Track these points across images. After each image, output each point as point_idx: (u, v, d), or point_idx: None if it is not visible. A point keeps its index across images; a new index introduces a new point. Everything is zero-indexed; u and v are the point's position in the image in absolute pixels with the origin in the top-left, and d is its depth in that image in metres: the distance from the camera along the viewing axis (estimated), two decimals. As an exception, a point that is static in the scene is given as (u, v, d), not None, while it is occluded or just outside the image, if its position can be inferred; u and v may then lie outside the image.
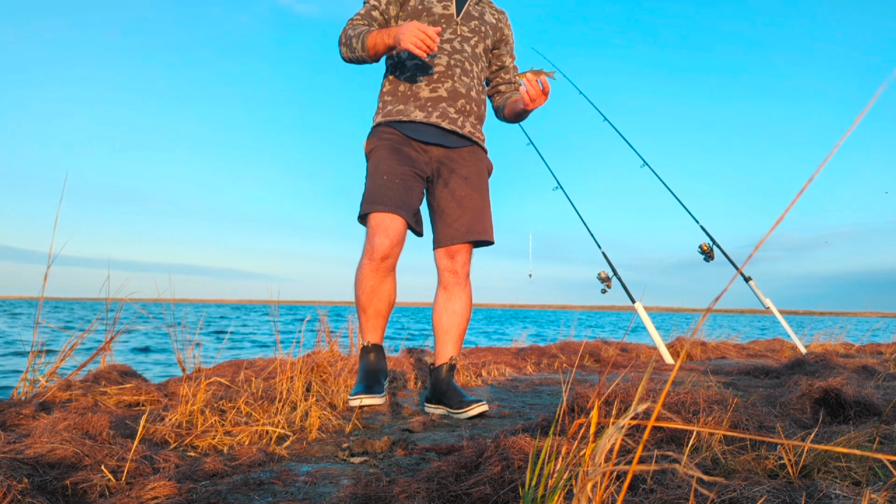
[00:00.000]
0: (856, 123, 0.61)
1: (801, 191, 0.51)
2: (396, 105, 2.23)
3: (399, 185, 2.12)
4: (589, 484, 0.56)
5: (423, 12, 2.23)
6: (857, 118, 0.50)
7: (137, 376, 2.67)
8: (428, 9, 2.23)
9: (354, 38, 2.12)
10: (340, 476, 1.37)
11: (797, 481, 1.08)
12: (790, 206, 0.51)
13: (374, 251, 2.08)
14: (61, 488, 1.21)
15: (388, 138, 2.20)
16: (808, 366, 2.94)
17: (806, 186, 0.49)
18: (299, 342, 2.65)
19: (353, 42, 2.12)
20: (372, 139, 2.24)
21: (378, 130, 2.24)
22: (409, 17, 2.23)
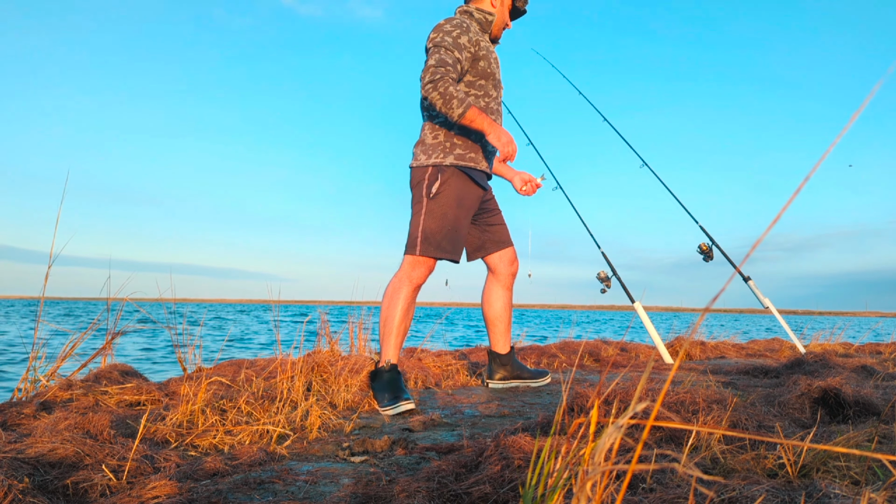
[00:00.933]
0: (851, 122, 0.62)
1: (797, 190, 0.51)
2: (468, 152, 2.53)
3: (459, 239, 2.52)
4: (589, 483, 0.56)
5: (490, 76, 2.57)
6: (853, 117, 0.50)
7: (138, 376, 2.68)
8: (492, 74, 2.59)
9: (457, 102, 2.32)
10: (341, 475, 1.37)
11: (796, 481, 1.08)
12: (786, 206, 0.52)
13: (418, 283, 2.49)
14: (62, 487, 1.22)
15: (458, 186, 2.50)
16: (807, 365, 2.95)
17: (801, 186, 0.49)
18: (299, 342, 2.65)
19: (455, 104, 2.32)
20: (445, 178, 2.49)
21: (450, 171, 2.50)
22: (478, 76, 2.55)
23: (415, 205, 2.52)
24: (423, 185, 2.48)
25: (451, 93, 2.31)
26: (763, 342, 5.92)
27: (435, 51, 2.40)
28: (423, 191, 2.48)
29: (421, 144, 2.56)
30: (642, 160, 4.77)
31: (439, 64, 2.35)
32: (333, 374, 2.57)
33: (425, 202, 2.47)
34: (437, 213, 2.45)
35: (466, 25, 2.49)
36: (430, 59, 2.38)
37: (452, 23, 2.47)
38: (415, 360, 3.44)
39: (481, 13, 2.61)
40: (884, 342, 5.58)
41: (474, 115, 2.34)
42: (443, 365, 3.48)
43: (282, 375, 2.19)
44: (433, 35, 2.46)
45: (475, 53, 2.50)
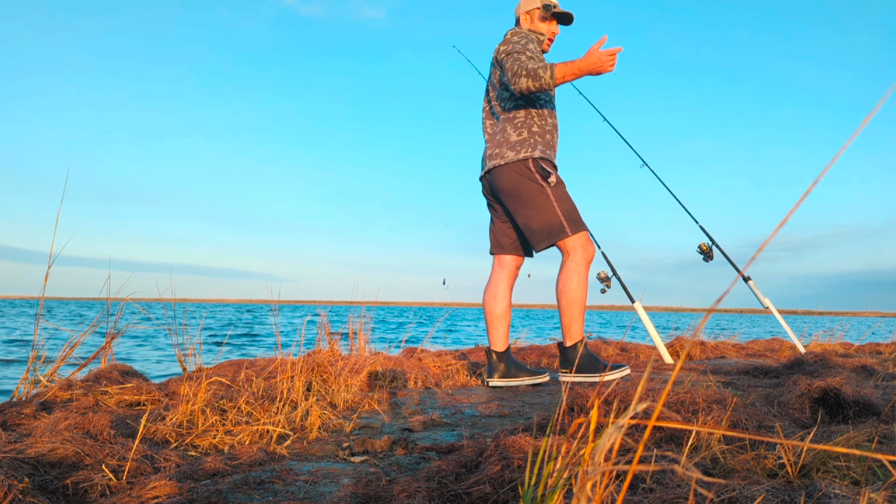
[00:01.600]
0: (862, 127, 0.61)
1: (805, 194, 0.51)
2: (546, 149, 2.81)
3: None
4: (588, 483, 0.56)
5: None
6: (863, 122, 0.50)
7: (138, 376, 2.68)
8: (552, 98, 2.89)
9: (542, 69, 2.54)
10: (341, 475, 1.37)
11: (796, 481, 1.08)
12: (793, 210, 0.51)
13: (592, 256, 2.74)
14: (62, 488, 1.22)
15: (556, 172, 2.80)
16: (807, 365, 2.95)
17: (810, 189, 0.49)
18: (300, 342, 2.65)
19: (541, 73, 2.53)
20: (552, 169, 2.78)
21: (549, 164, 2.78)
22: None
23: (533, 197, 2.72)
24: (535, 176, 2.74)
25: (532, 67, 2.55)
26: (763, 342, 5.92)
27: (508, 56, 2.68)
28: (538, 182, 2.73)
29: (505, 143, 2.79)
30: (642, 160, 4.77)
31: (515, 61, 2.63)
32: (333, 374, 2.58)
33: (549, 190, 2.72)
34: (563, 195, 2.74)
35: (531, 37, 2.81)
36: (506, 63, 2.67)
37: (519, 34, 2.78)
38: (415, 360, 3.44)
39: (533, 33, 2.91)
40: (884, 342, 5.58)
41: (562, 70, 2.54)
42: (443, 365, 3.48)
43: (282, 375, 2.19)
44: (503, 47, 2.76)
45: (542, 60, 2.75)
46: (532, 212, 2.72)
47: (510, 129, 2.80)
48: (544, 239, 2.71)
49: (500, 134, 2.83)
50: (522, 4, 2.98)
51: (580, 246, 2.70)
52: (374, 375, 2.90)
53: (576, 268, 2.70)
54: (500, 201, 2.88)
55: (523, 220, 2.75)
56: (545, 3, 2.90)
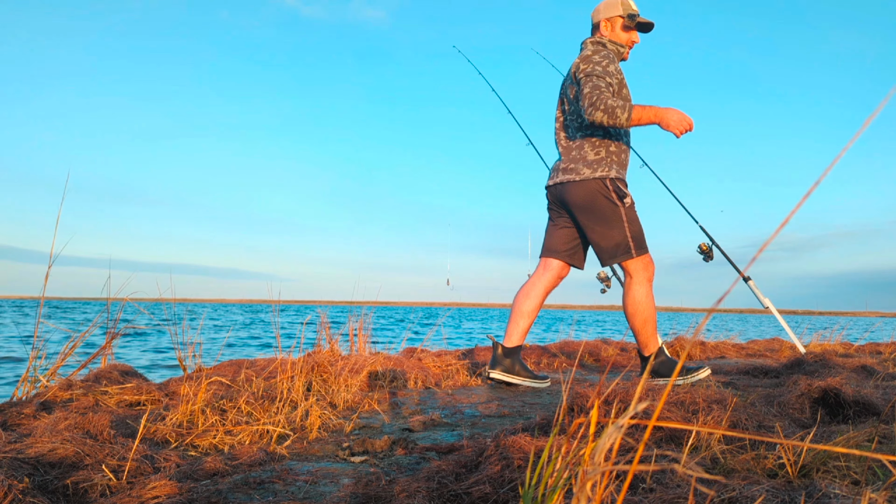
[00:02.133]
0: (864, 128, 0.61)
1: (807, 194, 0.51)
2: (621, 169, 2.87)
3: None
4: (589, 483, 0.56)
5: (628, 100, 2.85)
6: (864, 124, 0.50)
7: (138, 376, 2.68)
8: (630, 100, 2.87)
9: (620, 109, 2.59)
10: (341, 475, 1.37)
11: (796, 481, 1.08)
12: (794, 211, 0.52)
13: (650, 279, 2.85)
14: (62, 487, 1.22)
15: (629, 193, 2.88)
16: (807, 365, 2.95)
17: (811, 191, 0.49)
18: (300, 342, 2.65)
19: (619, 112, 2.59)
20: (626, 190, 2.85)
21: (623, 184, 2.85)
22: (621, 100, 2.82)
23: (606, 216, 2.81)
24: (612, 196, 2.81)
25: (611, 105, 2.59)
26: (763, 342, 5.92)
27: (588, 79, 2.69)
28: (613, 201, 2.81)
29: (582, 160, 2.84)
30: (642, 160, 4.76)
31: (594, 88, 2.65)
32: (333, 374, 2.58)
33: (623, 210, 2.81)
34: (634, 218, 2.83)
35: (613, 56, 2.79)
36: (585, 88, 2.67)
37: (600, 54, 2.76)
38: (415, 360, 3.44)
39: (613, 45, 2.89)
40: (884, 342, 5.58)
41: (639, 113, 2.61)
42: (443, 365, 3.48)
43: (282, 375, 2.19)
44: (584, 66, 2.74)
45: (620, 80, 2.80)
46: (604, 229, 2.82)
47: (588, 146, 2.84)
48: (611, 257, 2.82)
49: (576, 150, 2.87)
50: (602, 10, 2.93)
51: (642, 267, 2.82)
52: (374, 375, 2.90)
53: (639, 288, 2.83)
54: (569, 212, 2.94)
55: (594, 235, 2.84)
56: (629, 12, 2.87)
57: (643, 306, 2.83)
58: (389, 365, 3.07)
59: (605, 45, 2.87)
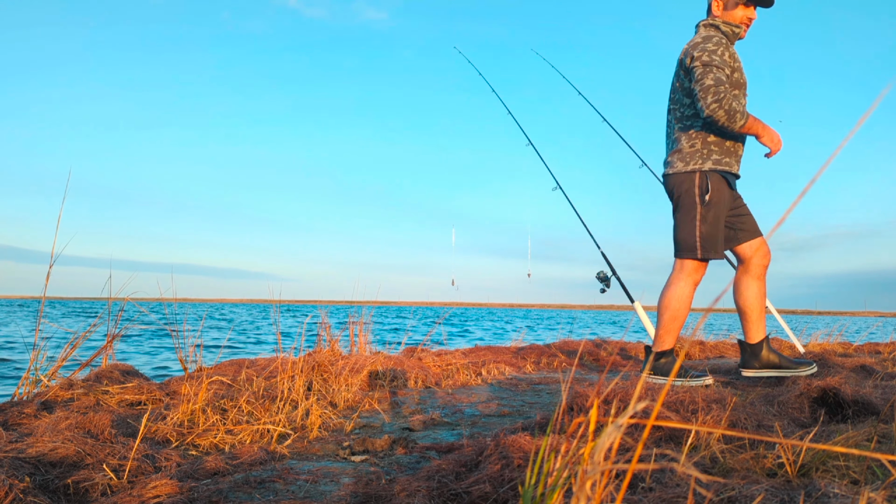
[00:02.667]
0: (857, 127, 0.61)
1: (802, 193, 0.51)
2: (724, 157, 2.71)
3: (722, 240, 2.74)
4: (588, 482, 0.57)
5: (742, 85, 2.74)
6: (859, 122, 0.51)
7: (139, 375, 2.68)
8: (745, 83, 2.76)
9: (739, 115, 2.56)
10: (341, 474, 1.38)
11: (796, 480, 1.08)
12: (789, 210, 0.52)
13: (696, 282, 2.75)
14: (63, 487, 1.22)
15: (720, 189, 2.71)
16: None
17: (807, 189, 0.50)
18: (300, 342, 2.66)
19: (738, 118, 2.56)
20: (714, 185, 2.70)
21: (716, 178, 2.70)
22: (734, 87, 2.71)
23: (685, 211, 2.71)
24: (695, 192, 2.69)
25: (735, 108, 2.54)
26: (763, 342, 5.91)
27: (708, 70, 2.58)
28: (694, 197, 2.69)
29: (678, 153, 2.75)
30: (642, 160, 4.77)
31: (718, 83, 2.55)
32: (334, 374, 2.58)
33: (699, 209, 2.68)
34: (710, 218, 2.68)
35: (725, 42, 2.67)
36: (706, 79, 2.57)
37: (713, 41, 2.64)
38: (415, 360, 3.44)
39: (727, 26, 2.73)
40: (883, 342, 5.58)
41: (752, 123, 2.59)
42: (443, 364, 3.49)
43: (282, 375, 2.20)
44: (698, 54, 2.62)
45: (734, 68, 2.69)
46: (678, 221, 2.76)
47: (684, 138, 2.75)
48: (678, 251, 2.75)
49: (675, 142, 2.79)
50: None
51: (693, 268, 2.73)
52: (374, 375, 2.91)
53: (683, 286, 2.74)
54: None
55: (674, 224, 2.80)
56: None
57: (678, 304, 2.74)
58: (390, 364, 3.07)
59: (719, 28, 2.71)
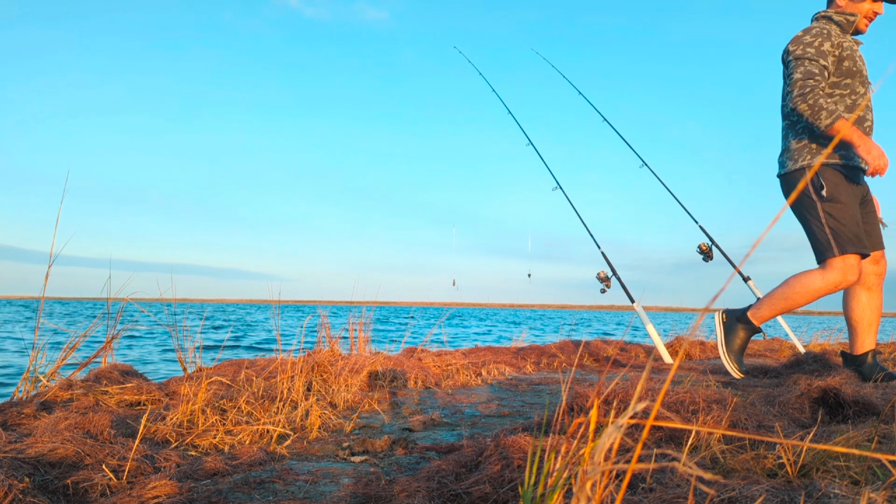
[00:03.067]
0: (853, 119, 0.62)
1: (798, 191, 0.51)
2: (839, 150, 2.56)
3: (862, 231, 2.54)
4: (588, 482, 0.57)
5: (856, 73, 2.59)
6: (852, 118, 0.51)
7: (139, 376, 2.68)
8: (859, 71, 2.61)
9: (825, 114, 2.42)
10: (341, 475, 1.37)
11: (796, 480, 1.08)
12: (785, 206, 0.52)
13: (846, 284, 2.50)
14: (62, 487, 1.22)
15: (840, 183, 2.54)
16: (806, 365, 2.95)
17: (801, 186, 0.49)
18: (300, 342, 2.65)
19: (823, 116, 2.42)
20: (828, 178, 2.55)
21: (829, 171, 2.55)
22: (843, 75, 2.59)
23: (806, 211, 2.57)
24: (810, 190, 2.55)
25: (821, 104, 2.43)
26: (763, 342, 5.92)
27: (799, 63, 2.52)
28: (811, 196, 2.54)
29: (787, 152, 2.66)
30: (642, 160, 4.77)
31: (806, 76, 2.48)
32: (333, 374, 2.58)
33: (819, 206, 2.53)
34: (837, 213, 2.51)
35: (827, 32, 2.57)
36: (795, 73, 2.51)
37: (811, 33, 2.57)
38: (415, 360, 3.44)
39: (841, 15, 2.65)
40: (884, 342, 5.57)
41: (841, 126, 2.41)
42: (443, 365, 3.48)
43: (282, 375, 2.20)
44: (793, 48, 2.57)
45: (839, 55, 2.57)
46: (806, 226, 2.60)
47: (791, 134, 2.65)
48: (817, 256, 2.56)
49: (784, 139, 2.70)
50: None
51: (840, 268, 2.48)
52: (374, 375, 2.91)
53: (819, 282, 2.51)
54: None
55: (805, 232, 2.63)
56: None
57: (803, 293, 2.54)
58: (389, 365, 3.07)
59: (831, 19, 2.65)
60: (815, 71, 2.49)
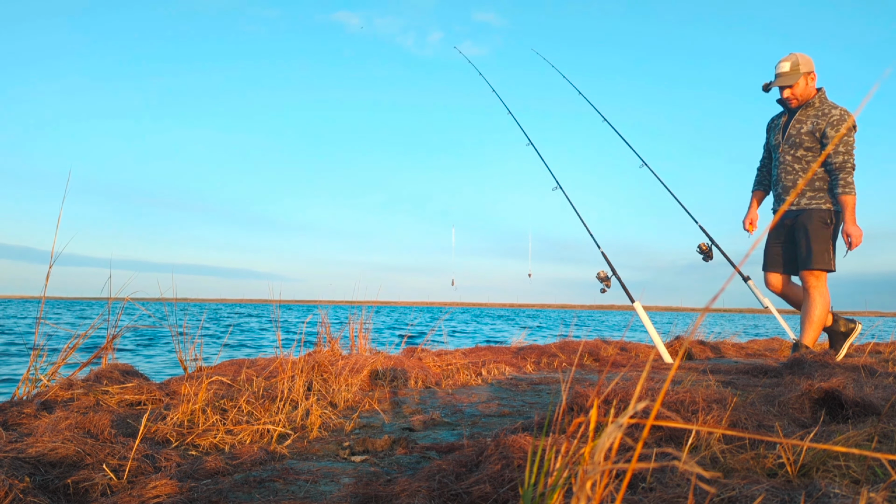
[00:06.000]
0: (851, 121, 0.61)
1: (796, 191, 0.51)
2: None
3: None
4: (588, 482, 0.57)
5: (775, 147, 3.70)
6: (850, 119, 0.51)
7: (139, 375, 2.68)
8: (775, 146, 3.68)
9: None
10: (341, 475, 1.37)
11: (796, 480, 1.08)
12: (784, 207, 0.52)
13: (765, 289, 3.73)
14: (63, 487, 1.22)
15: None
16: (806, 365, 2.94)
17: (800, 187, 0.49)
18: (300, 342, 2.65)
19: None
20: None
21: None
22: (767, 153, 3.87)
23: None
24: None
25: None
26: (763, 342, 5.92)
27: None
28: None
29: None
30: (642, 160, 4.77)
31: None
32: (334, 374, 2.58)
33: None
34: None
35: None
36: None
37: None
38: (415, 360, 3.44)
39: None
40: (884, 342, 5.57)
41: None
42: (443, 364, 3.49)
43: (282, 375, 2.20)
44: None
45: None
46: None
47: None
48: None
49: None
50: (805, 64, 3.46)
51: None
52: (374, 375, 2.91)
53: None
54: None
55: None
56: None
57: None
58: (390, 364, 3.07)
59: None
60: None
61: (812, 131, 3.48)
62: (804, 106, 3.52)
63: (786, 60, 3.49)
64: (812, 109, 3.50)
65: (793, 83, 3.45)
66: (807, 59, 3.48)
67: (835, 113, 3.44)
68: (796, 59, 3.47)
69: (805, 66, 3.46)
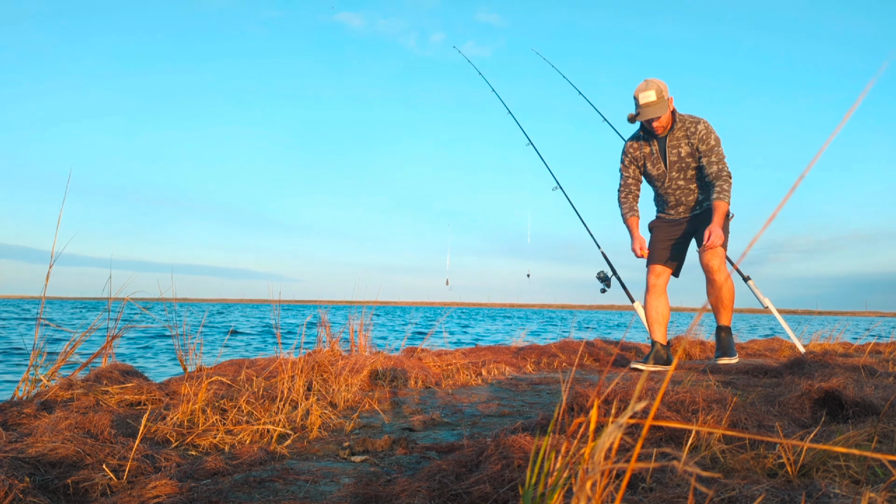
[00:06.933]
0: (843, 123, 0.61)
1: (791, 191, 0.51)
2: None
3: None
4: (588, 482, 0.57)
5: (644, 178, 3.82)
6: (845, 118, 0.51)
7: (139, 375, 2.68)
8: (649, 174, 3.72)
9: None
10: (341, 475, 1.37)
11: (796, 480, 1.08)
12: (780, 206, 0.52)
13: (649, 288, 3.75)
14: (63, 487, 1.22)
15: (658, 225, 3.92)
16: (807, 365, 2.94)
17: (797, 184, 0.49)
18: (300, 342, 2.65)
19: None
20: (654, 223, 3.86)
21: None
22: (634, 181, 3.80)
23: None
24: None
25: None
26: (763, 342, 5.92)
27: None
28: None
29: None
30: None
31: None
32: (334, 374, 2.58)
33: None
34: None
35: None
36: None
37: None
38: (415, 360, 3.44)
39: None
40: (884, 342, 5.57)
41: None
42: (443, 364, 3.49)
43: (282, 375, 2.20)
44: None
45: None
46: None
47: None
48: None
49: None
50: (665, 89, 3.41)
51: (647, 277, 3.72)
52: (374, 375, 2.91)
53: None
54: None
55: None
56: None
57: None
58: (390, 364, 3.07)
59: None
60: (621, 183, 3.90)
61: (691, 153, 3.53)
62: (670, 130, 3.50)
63: (648, 89, 3.37)
64: (679, 132, 3.50)
65: (662, 114, 3.36)
66: (663, 83, 3.41)
67: (700, 128, 3.46)
68: (658, 87, 3.36)
69: (666, 91, 3.39)
